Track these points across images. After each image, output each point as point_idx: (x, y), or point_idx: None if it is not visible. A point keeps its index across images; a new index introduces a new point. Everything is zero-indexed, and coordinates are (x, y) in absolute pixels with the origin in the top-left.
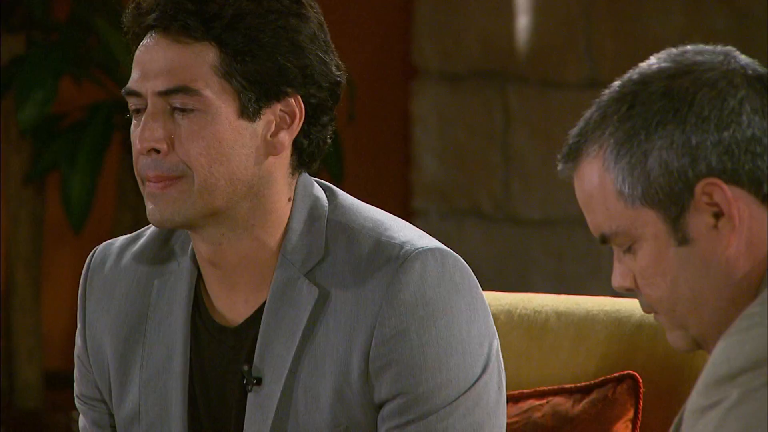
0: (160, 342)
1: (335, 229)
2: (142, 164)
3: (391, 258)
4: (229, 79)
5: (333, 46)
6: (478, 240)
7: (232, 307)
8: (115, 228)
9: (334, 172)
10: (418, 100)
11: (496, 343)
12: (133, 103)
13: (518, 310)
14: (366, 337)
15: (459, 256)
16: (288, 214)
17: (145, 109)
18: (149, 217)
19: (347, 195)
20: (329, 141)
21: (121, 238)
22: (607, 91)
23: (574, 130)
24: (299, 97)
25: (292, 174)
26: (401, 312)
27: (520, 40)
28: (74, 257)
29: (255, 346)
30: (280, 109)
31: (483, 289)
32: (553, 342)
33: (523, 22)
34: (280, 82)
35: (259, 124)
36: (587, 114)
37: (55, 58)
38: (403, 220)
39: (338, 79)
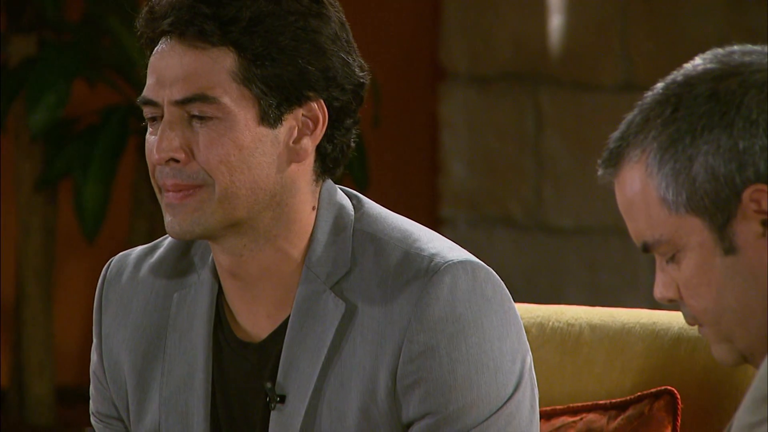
0: (180, 358)
1: (362, 239)
2: (159, 173)
3: (420, 271)
4: (248, 84)
5: (356, 45)
6: (508, 250)
7: (254, 321)
8: (131, 237)
9: (358, 178)
10: (446, 104)
11: (529, 358)
12: (148, 111)
13: (551, 323)
14: (394, 354)
15: (491, 269)
16: (312, 223)
17: (162, 117)
18: (168, 229)
19: (373, 203)
20: (353, 145)
21: (138, 249)
22: (650, 93)
23: (616, 134)
24: (322, 101)
25: (316, 181)
26: (430, 328)
27: (553, 40)
28: (87, 267)
29: (279, 363)
30: (303, 114)
31: (514, 302)
32: (587, 356)
33: (556, 21)
34: (301, 86)
35: (281, 131)
36: (629, 117)
37: (67, 60)
38: (432, 231)
39: (362, 80)
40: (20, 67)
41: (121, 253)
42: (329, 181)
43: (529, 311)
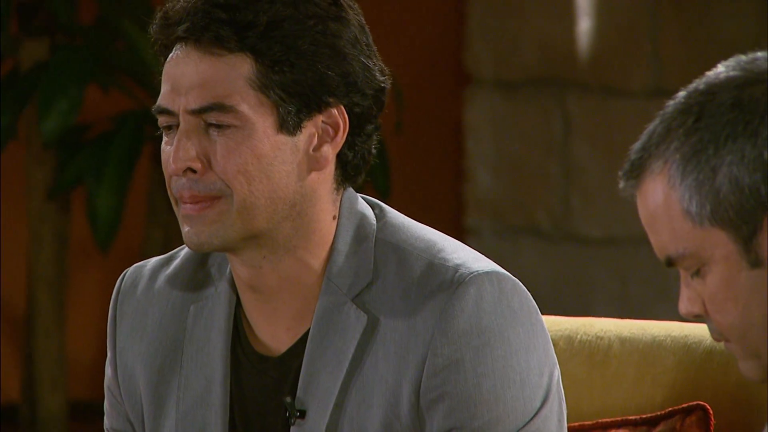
0: (197, 372)
1: (384, 249)
2: (176, 185)
3: (445, 282)
4: (266, 91)
5: (375, 49)
6: (535, 260)
7: (274, 334)
8: (145, 246)
9: (380, 186)
10: (471, 109)
11: (557, 372)
12: (164, 120)
13: (579, 336)
14: (417, 368)
15: (517, 280)
16: (333, 233)
17: (178, 126)
18: (186, 241)
19: (396, 212)
20: (374, 152)
21: (153, 260)
22: (671, 103)
23: (637, 145)
24: (342, 107)
25: (337, 190)
26: (455, 341)
27: (581, 43)
28: (101, 278)
29: (299, 377)
30: (322, 121)
31: (541, 314)
32: (616, 370)
33: (584, 24)
34: (321, 92)
35: (300, 138)
36: (650, 127)
37: (80, 64)
38: (457, 240)
39: (383, 84)
40: (32, 71)
41: (135, 264)
42: (350, 190)
43: (556, 324)
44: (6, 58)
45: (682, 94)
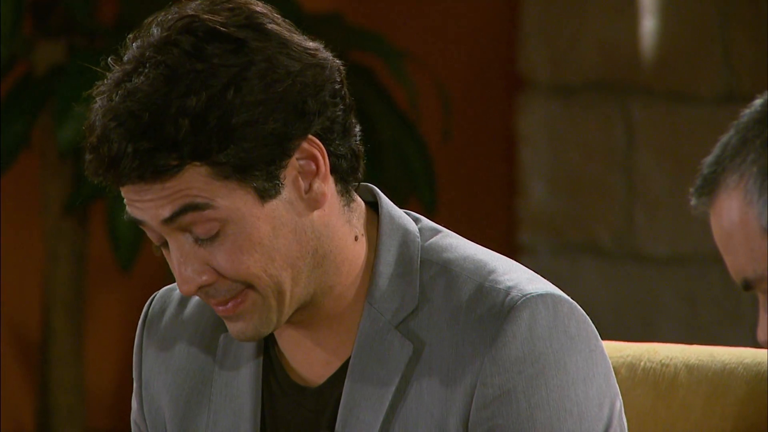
0: (227, 406)
1: (431, 272)
2: (196, 294)
3: (495, 306)
4: (229, 180)
5: (296, 37)
6: (595, 281)
7: (311, 363)
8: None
9: (426, 200)
10: (525, 116)
11: (619, 403)
12: (146, 229)
13: (642, 363)
14: (465, 400)
15: (575, 303)
16: (362, 252)
17: (163, 238)
18: (234, 336)
19: (444, 229)
20: (358, 133)
21: None
22: (747, 111)
23: (709, 159)
24: (309, 136)
25: (346, 204)
26: (507, 370)
27: (646, 45)
28: (122, 300)
29: (338, 409)
30: (297, 159)
31: (602, 339)
32: (683, 400)
33: (648, 24)
34: (279, 143)
35: (287, 191)
36: (724, 138)
37: (100, 68)
38: (510, 260)
39: (321, 65)
40: (47, 75)
41: (165, 288)
42: (390, 205)
43: (618, 350)
44: (19, 60)
45: (758, 101)
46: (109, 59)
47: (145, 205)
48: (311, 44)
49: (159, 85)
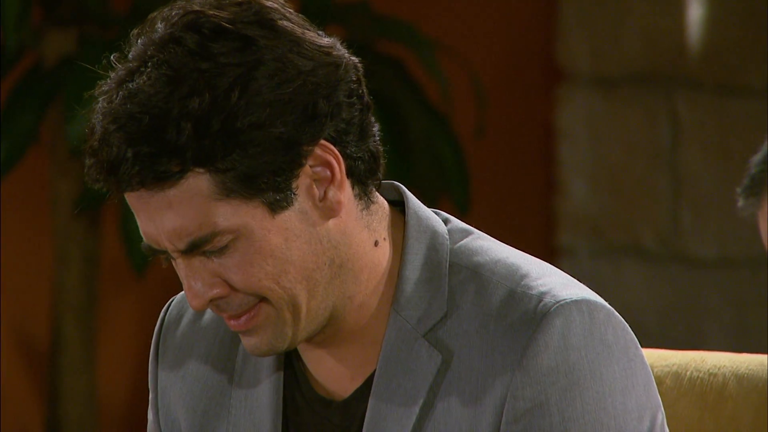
0: (247, 419)
1: (460, 276)
2: (208, 307)
3: (527, 313)
4: (234, 194)
5: (309, 34)
6: (638, 285)
7: (337, 375)
8: None
9: (459, 200)
10: (564, 111)
11: (661, 416)
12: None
13: (688, 373)
14: (495, 412)
15: (612, 309)
16: (384, 258)
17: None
18: (249, 351)
19: (475, 231)
20: (377, 132)
21: None
22: None
23: (757, 157)
24: (322, 141)
25: (365, 207)
26: (539, 381)
27: (692, 35)
28: (136, 305)
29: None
30: (311, 166)
31: (644, 346)
32: (732, 412)
33: (695, 13)
34: (288, 151)
35: (300, 201)
36: None
37: (103, 66)
38: (546, 264)
39: (336, 61)
40: (57, 67)
41: (182, 293)
42: (415, 203)
43: (662, 358)
44: (27, 51)
45: None
46: (112, 57)
47: (151, 231)
48: (325, 41)
49: (161, 86)
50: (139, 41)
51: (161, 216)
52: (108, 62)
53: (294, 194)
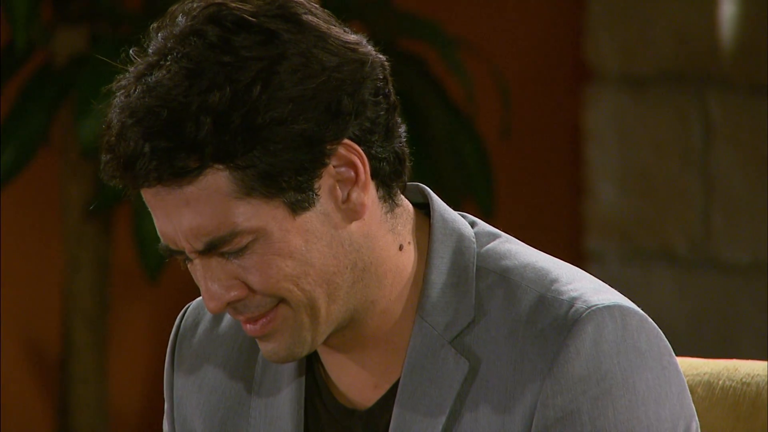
0: (267, 429)
1: (488, 280)
2: (225, 311)
3: (558, 319)
4: (255, 192)
5: (334, 29)
6: (669, 291)
7: (360, 384)
8: None
9: (483, 203)
10: (593, 111)
11: (695, 425)
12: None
13: (721, 382)
14: (525, 422)
15: (645, 315)
16: (409, 262)
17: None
18: (266, 357)
19: (503, 234)
20: (404, 134)
21: None
22: None
23: None
24: (345, 140)
25: (389, 210)
26: (569, 389)
27: (725, 33)
28: (149, 312)
29: None
30: (334, 167)
31: (676, 355)
32: (766, 423)
33: (728, 9)
34: (311, 149)
35: (322, 202)
36: None
37: (124, 57)
38: (576, 268)
39: (362, 58)
40: (68, 66)
41: (198, 299)
42: (440, 205)
43: (694, 367)
44: (37, 49)
45: None
46: (131, 51)
47: (168, 230)
48: (352, 37)
49: (180, 79)
50: (159, 35)
51: (178, 214)
52: (126, 56)
53: (316, 195)
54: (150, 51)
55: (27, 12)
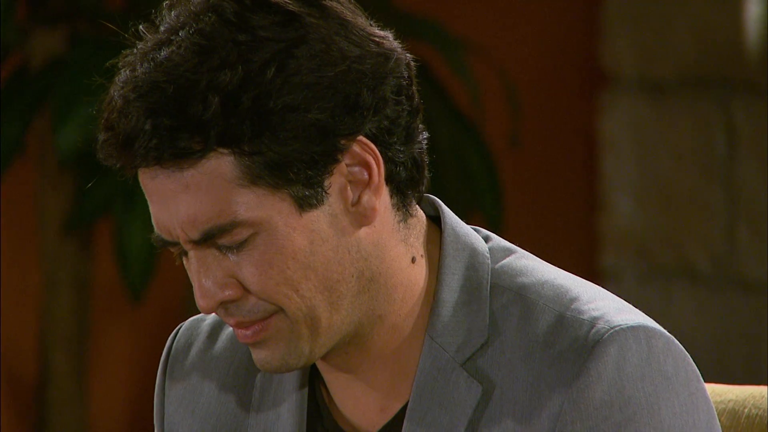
0: None
1: (503, 298)
2: (215, 312)
3: (578, 340)
4: (260, 181)
5: (360, 20)
6: (690, 311)
7: (364, 409)
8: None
9: (491, 216)
10: (609, 118)
11: None
12: (168, 244)
13: (746, 410)
14: None
15: (672, 337)
16: (421, 277)
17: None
18: (259, 366)
19: (519, 249)
20: (424, 141)
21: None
22: None
23: None
24: (362, 137)
25: (402, 220)
26: (590, 416)
27: (749, 35)
28: (132, 333)
29: None
30: (347, 165)
31: None
32: None
33: (753, 10)
34: (325, 142)
35: (331, 201)
36: None
37: (105, 60)
38: (597, 286)
39: (386, 53)
40: (45, 70)
41: (192, 319)
42: (452, 218)
43: (718, 393)
44: (12, 52)
45: None
46: (140, 27)
47: (164, 217)
48: (378, 31)
49: (190, 55)
50: (172, 12)
51: (176, 200)
52: (136, 30)
53: (326, 193)
54: (161, 29)
55: (1, 12)
